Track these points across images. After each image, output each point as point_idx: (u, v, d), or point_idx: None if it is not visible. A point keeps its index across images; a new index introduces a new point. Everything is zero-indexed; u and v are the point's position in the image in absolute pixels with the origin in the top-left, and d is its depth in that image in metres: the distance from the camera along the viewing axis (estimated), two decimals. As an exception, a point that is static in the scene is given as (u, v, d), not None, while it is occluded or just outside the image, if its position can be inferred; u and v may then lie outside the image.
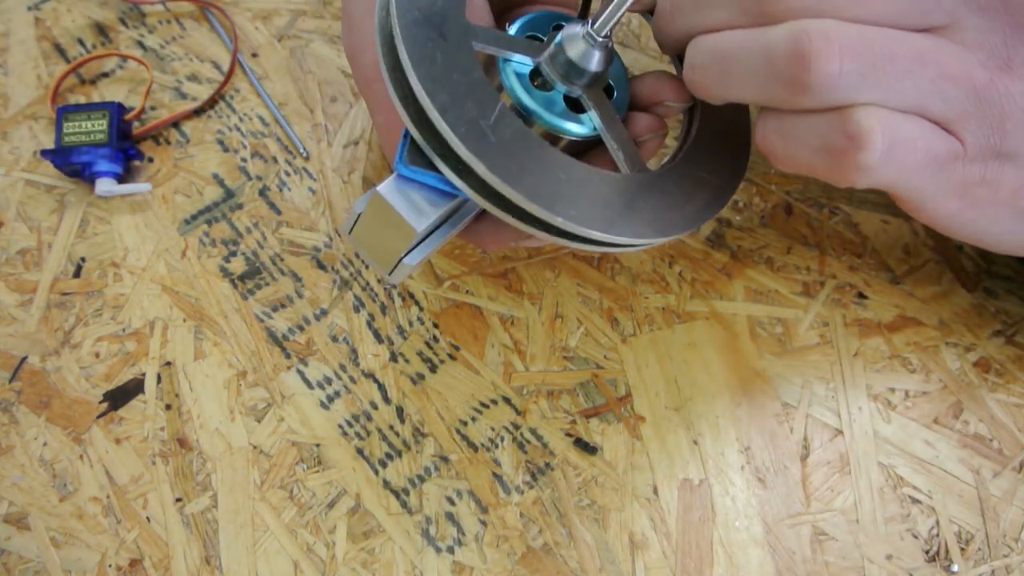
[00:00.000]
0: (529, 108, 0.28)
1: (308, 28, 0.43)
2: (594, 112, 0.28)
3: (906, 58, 0.23)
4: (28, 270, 0.37)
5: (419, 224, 0.26)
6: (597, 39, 0.27)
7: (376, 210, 0.26)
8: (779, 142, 0.26)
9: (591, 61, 0.28)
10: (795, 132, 0.25)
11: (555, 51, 0.28)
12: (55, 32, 0.42)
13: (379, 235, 0.27)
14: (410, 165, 0.26)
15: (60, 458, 0.33)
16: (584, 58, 0.28)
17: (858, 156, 0.24)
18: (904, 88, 0.24)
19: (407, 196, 0.26)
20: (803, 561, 0.32)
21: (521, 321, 0.36)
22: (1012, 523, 0.33)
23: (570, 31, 0.28)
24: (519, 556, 0.32)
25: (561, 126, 0.28)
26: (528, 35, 0.30)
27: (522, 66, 0.29)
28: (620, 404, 0.35)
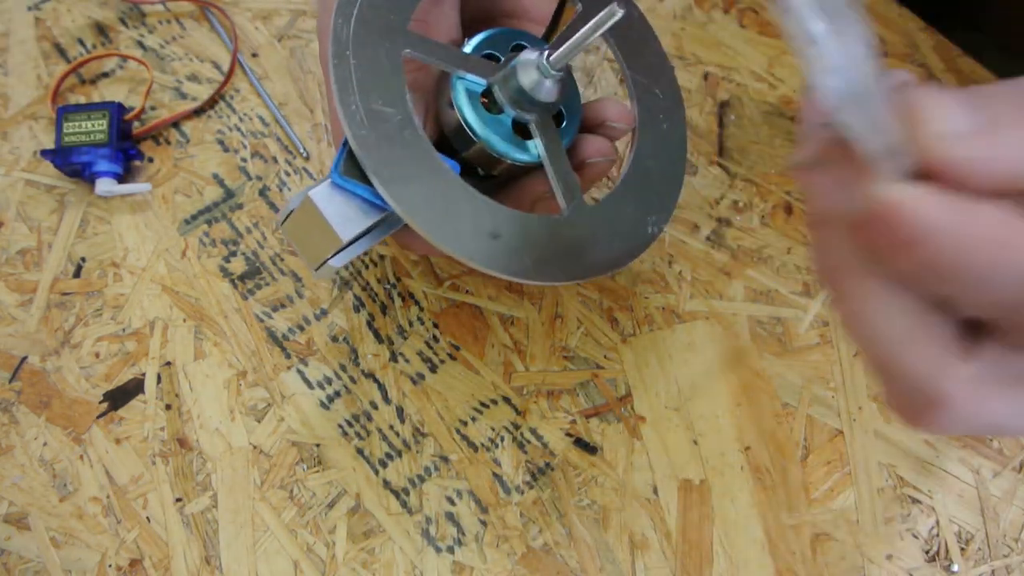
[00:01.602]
0: (475, 129, 0.28)
1: (308, 28, 0.43)
2: (539, 140, 0.29)
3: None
4: (28, 270, 0.37)
5: (345, 234, 0.26)
6: (551, 72, 0.27)
7: (307, 212, 0.27)
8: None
9: (542, 92, 0.28)
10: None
11: (508, 75, 0.28)
12: (55, 32, 0.42)
13: (308, 234, 0.28)
14: (344, 175, 0.26)
15: (60, 458, 0.33)
16: (536, 88, 0.28)
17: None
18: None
19: (338, 204, 0.26)
20: (803, 561, 0.32)
21: (521, 321, 0.36)
22: (1012, 523, 0.33)
23: (525, 58, 0.28)
24: (519, 556, 0.32)
25: (505, 151, 0.28)
26: (485, 53, 0.29)
27: (475, 85, 0.29)
28: (620, 404, 0.35)
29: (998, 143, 0.17)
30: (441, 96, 0.29)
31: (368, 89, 0.25)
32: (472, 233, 0.26)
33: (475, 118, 0.28)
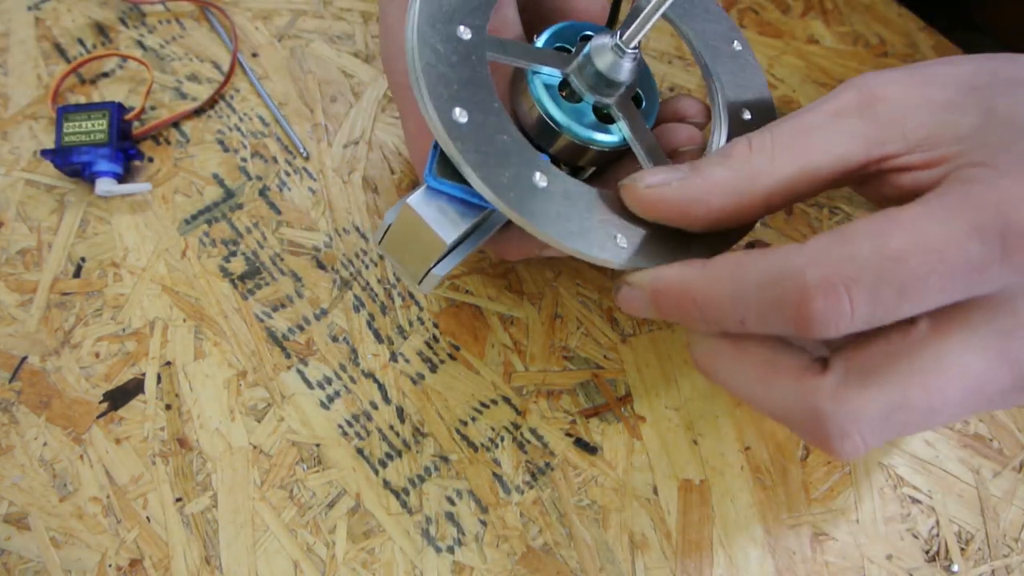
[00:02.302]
0: (558, 120, 0.28)
1: (308, 28, 0.43)
2: (623, 123, 0.28)
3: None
4: (28, 270, 0.37)
5: (448, 236, 0.26)
6: (626, 50, 0.27)
7: (406, 221, 0.27)
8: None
9: (620, 72, 0.28)
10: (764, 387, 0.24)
11: (583, 62, 0.28)
12: (55, 32, 0.42)
13: (409, 246, 0.27)
14: (439, 177, 0.26)
15: (60, 458, 0.33)
16: (613, 69, 0.27)
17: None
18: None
19: (436, 208, 0.26)
20: (803, 561, 0.32)
21: (521, 321, 0.36)
22: (1012, 523, 0.33)
23: (598, 42, 0.28)
24: (519, 556, 0.32)
25: (590, 137, 0.28)
26: (556, 46, 0.29)
27: (551, 78, 0.28)
28: (620, 404, 0.35)
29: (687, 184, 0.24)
30: (518, 94, 0.29)
31: (456, 93, 0.25)
32: (597, 229, 0.26)
33: (557, 109, 0.28)
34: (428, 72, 0.25)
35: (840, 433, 0.22)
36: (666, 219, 0.25)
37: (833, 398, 0.22)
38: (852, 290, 0.20)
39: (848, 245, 0.21)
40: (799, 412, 0.22)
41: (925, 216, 0.21)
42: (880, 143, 0.23)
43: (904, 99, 0.23)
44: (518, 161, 0.25)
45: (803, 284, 0.21)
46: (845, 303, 0.20)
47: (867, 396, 0.21)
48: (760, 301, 0.22)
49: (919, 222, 0.21)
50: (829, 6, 0.45)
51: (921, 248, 0.20)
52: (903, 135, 0.23)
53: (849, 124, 0.23)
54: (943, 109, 0.23)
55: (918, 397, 0.21)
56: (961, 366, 0.21)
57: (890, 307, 0.21)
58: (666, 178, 0.25)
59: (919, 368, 0.21)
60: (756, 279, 0.22)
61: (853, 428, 0.22)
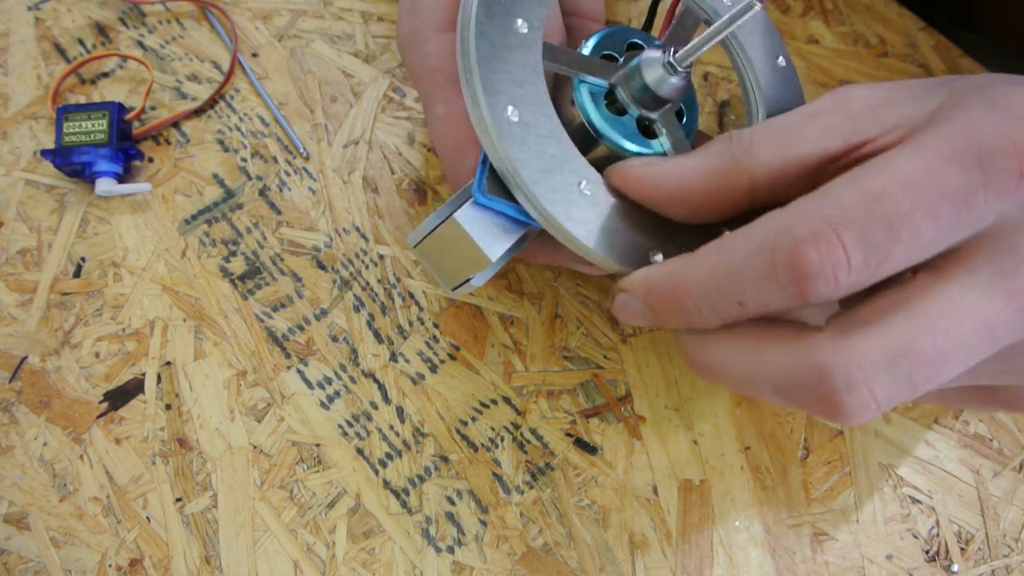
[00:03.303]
0: (600, 130, 0.28)
1: (308, 28, 0.43)
2: (666, 138, 0.28)
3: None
4: (28, 270, 0.37)
5: (494, 254, 0.26)
6: (678, 69, 0.27)
7: (449, 234, 0.26)
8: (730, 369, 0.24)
9: (668, 89, 0.27)
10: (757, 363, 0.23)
11: (631, 74, 0.28)
12: (55, 32, 0.42)
13: (448, 255, 0.27)
14: (488, 194, 0.25)
15: (60, 458, 0.33)
16: (661, 85, 0.27)
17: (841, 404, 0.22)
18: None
19: (483, 223, 0.26)
20: (803, 561, 0.32)
21: (521, 321, 0.36)
22: (1012, 523, 0.33)
23: (649, 56, 0.27)
24: (519, 556, 0.32)
25: (631, 149, 0.28)
26: (603, 54, 0.29)
27: (596, 87, 0.28)
28: (620, 404, 0.35)
29: (651, 169, 0.25)
30: (561, 98, 0.29)
31: (510, 90, 0.25)
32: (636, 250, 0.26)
33: (601, 120, 0.28)
34: (484, 65, 0.24)
35: (846, 385, 0.21)
36: (647, 197, 0.26)
37: (833, 348, 0.21)
38: (842, 235, 0.20)
39: (829, 196, 0.21)
40: (798, 375, 0.22)
41: (900, 156, 0.21)
42: (856, 131, 0.24)
43: (875, 96, 0.25)
44: (569, 170, 0.25)
45: (793, 240, 0.21)
46: (838, 249, 0.20)
47: (870, 339, 0.21)
48: (754, 272, 0.21)
49: (895, 162, 0.21)
50: (829, 6, 0.45)
51: (901, 184, 0.20)
52: (877, 121, 0.24)
53: (826, 119, 0.24)
54: (911, 100, 0.24)
55: (925, 340, 0.20)
56: (966, 307, 0.21)
57: (883, 248, 0.20)
58: (646, 162, 0.26)
59: (922, 312, 0.21)
60: (745, 250, 0.22)
61: (859, 376, 0.21)
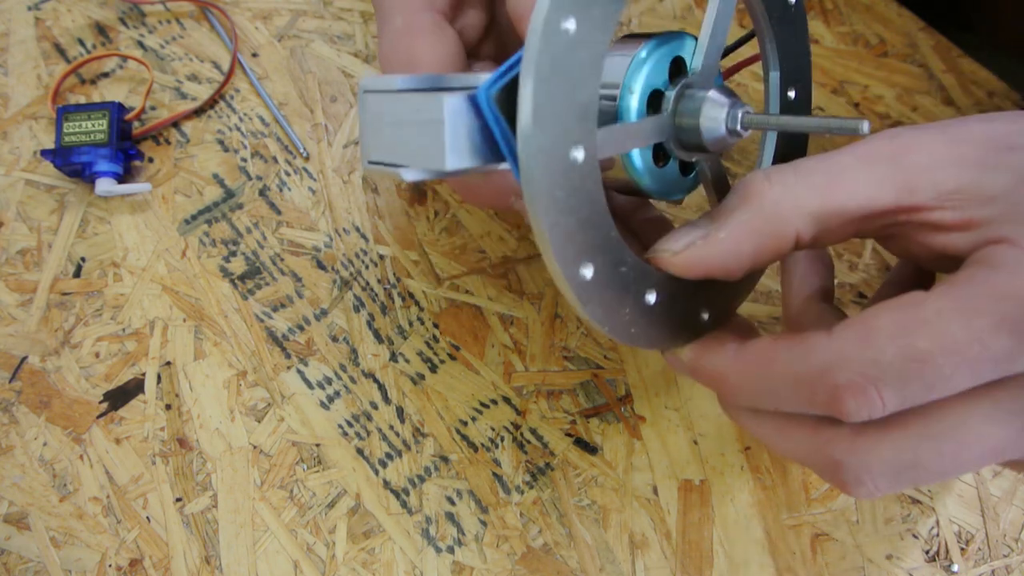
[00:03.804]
0: (648, 191, 0.26)
1: (308, 28, 0.43)
2: (707, 176, 0.27)
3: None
4: (28, 270, 0.37)
5: (453, 163, 0.22)
6: (742, 133, 0.24)
7: (421, 109, 0.22)
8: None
9: (722, 146, 0.25)
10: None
11: (686, 123, 0.25)
12: (55, 32, 0.42)
13: (399, 127, 0.23)
14: (494, 103, 0.22)
15: (60, 458, 0.33)
16: (717, 143, 0.25)
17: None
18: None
19: (463, 124, 0.22)
20: (803, 561, 0.32)
21: (521, 321, 0.36)
22: (1012, 523, 0.33)
23: (712, 113, 0.24)
24: (519, 556, 0.32)
25: (672, 197, 0.27)
26: (652, 91, 0.25)
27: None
28: (620, 404, 0.35)
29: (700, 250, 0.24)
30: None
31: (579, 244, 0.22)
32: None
33: (650, 181, 0.26)
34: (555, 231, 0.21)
35: (855, 480, 0.23)
36: (705, 276, 0.24)
37: (848, 450, 0.23)
38: (881, 390, 0.21)
39: (873, 345, 0.21)
40: (816, 460, 0.24)
41: (948, 313, 0.21)
42: (910, 191, 0.23)
43: (936, 152, 0.23)
44: (636, 290, 0.24)
45: (833, 385, 0.22)
46: (876, 400, 0.21)
47: (881, 452, 0.22)
48: (791, 396, 0.23)
49: (943, 320, 0.21)
50: (829, 6, 0.45)
51: (946, 349, 0.21)
52: (934, 186, 0.23)
53: (879, 169, 0.23)
54: (975, 166, 0.23)
55: (931, 461, 0.22)
56: (981, 436, 0.22)
57: (918, 399, 0.21)
58: (690, 239, 0.24)
59: (936, 433, 0.22)
60: (785, 376, 0.23)
61: (867, 478, 0.23)
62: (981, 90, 0.43)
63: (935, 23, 0.45)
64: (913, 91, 0.43)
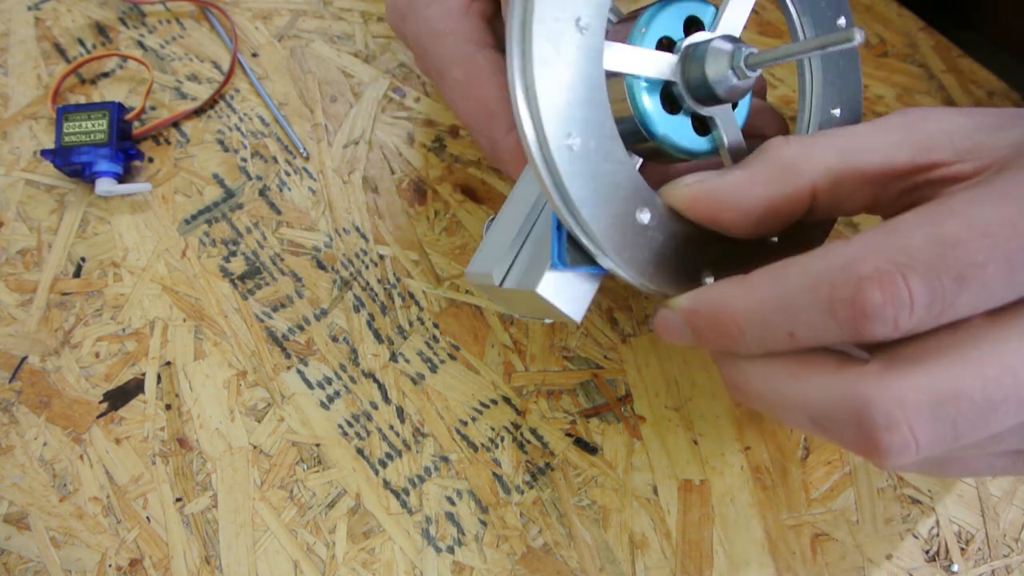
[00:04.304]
0: (657, 133, 0.26)
1: (308, 28, 0.43)
2: (722, 135, 0.26)
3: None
4: (28, 270, 0.37)
5: (579, 314, 0.25)
6: (748, 74, 0.25)
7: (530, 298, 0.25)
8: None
9: (731, 91, 0.25)
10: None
11: (691, 68, 0.25)
12: (55, 32, 0.42)
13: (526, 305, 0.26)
14: (570, 265, 0.24)
15: (60, 458, 0.33)
16: (724, 86, 0.25)
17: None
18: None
19: (564, 286, 0.25)
20: (803, 561, 0.32)
21: (521, 321, 0.36)
22: (1012, 523, 0.33)
23: (716, 50, 0.25)
24: (519, 556, 0.32)
25: (688, 149, 0.26)
26: (661, 37, 0.26)
27: (652, 82, 0.26)
28: (620, 404, 0.35)
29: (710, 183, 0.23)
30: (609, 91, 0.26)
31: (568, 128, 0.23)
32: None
33: (658, 120, 0.26)
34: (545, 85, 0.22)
35: (887, 422, 0.20)
36: (710, 217, 0.24)
37: (877, 382, 0.20)
38: (909, 278, 0.19)
39: (899, 235, 0.20)
40: (838, 405, 0.21)
41: (978, 200, 0.20)
42: (927, 149, 0.22)
43: (948, 120, 0.23)
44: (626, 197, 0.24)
45: (856, 277, 0.19)
46: (903, 291, 0.19)
47: (916, 379, 0.20)
48: (810, 304, 0.20)
49: (972, 207, 0.20)
50: (829, 6, 0.45)
51: (977, 232, 0.19)
52: (951, 144, 0.22)
53: (895, 134, 0.23)
54: (987, 129, 0.22)
55: (973, 387, 0.19)
56: (1022, 358, 0.20)
57: (950, 295, 0.19)
58: (705, 175, 0.24)
59: (974, 357, 0.20)
60: (803, 281, 0.21)
61: (901, 415, 0.20)
62: (981, 90, 0.43)
63: (935, 23, 0.45)
64: (913, 91, 0.43)
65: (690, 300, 0.23)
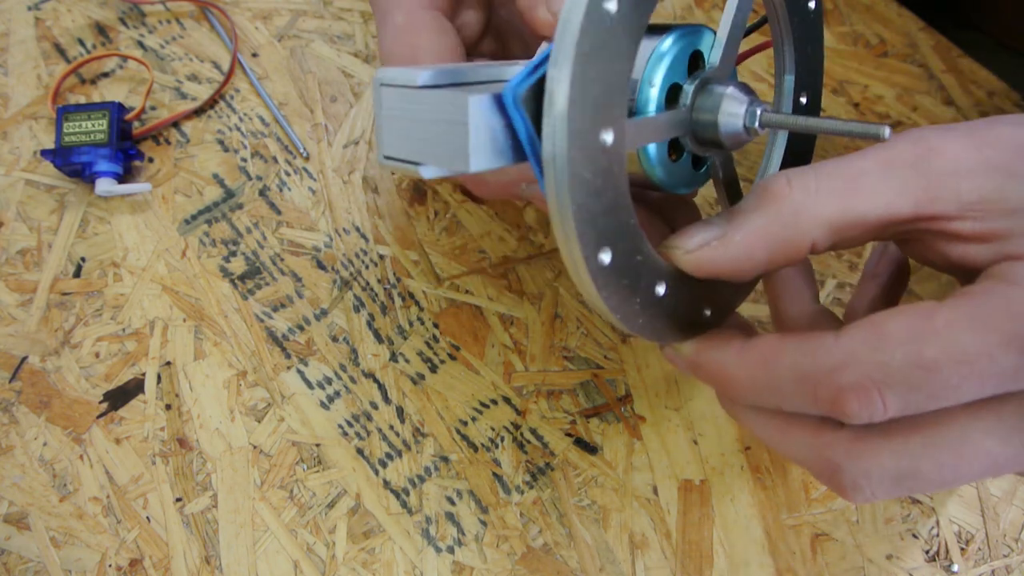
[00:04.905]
0: (664, 185, 0.25)
1: (308, 28, 0.43)
2: (719, 173, 0.27)
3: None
4: (28, 270, 0.37)
5: (476, 164, 0.21)
6: (759, 131, 0.24)
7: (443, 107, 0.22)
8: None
9: (737, 142, 0.25)
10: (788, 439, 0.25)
11: (703, 120, 0.25)
12: (55, 32, 0.42)
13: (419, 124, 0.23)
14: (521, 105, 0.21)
15: (60, 458, 0.33)
16: (733, 140, 0.25)
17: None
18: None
19: (487, 123, 0.21)
20: (803, 561, 0.32)
21: (521, 321, 0.36)
22: (1012, 523, 0.33)
23: (730, 110, 0.24)
24: (519, 556, 0.32)
25: (686, 189, 0.26)
26: (671, 84, 0.25)
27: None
28: (620, 404, 0.35)
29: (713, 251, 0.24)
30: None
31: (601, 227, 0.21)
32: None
33: (664, 175, 0.25)
34: (580, 213, 0.21)
35: (852, 485, 0.23)
36: (716, 276, 0.24)
37: (847, 453, 0.23)
38: (885, 395, 0.21)
39: (882, 350, 0.21)
40: (815, 462, 0.23)
41: (960, 324, 0.21)
42: (931, 200, 0.22)
43: (961, 158, 0.22)
44: (647, 282, 0.23)
45: (837, 386, 0.21)
46: (878, 404, 0.21)
47: (880, 458, 0.22)
48: (794, 394, 0.23)
49: (953, 331, 0.21)
50: (829, 6, 0.45)
51: (954, 359, 0.21)
52: (956, 196, 0.22)
53: (901, 175, 0.23)
54: (999, 173, 0.22)
55: (930, 471, 0.22)
56: (981, 450, 0.22)
57: (921, 408, 0.21)
58: (704, 238, 0.24)
59: (937, 443, 0.22)
60: (790, 374, 0.22)
61: (864, 483, 0.22)
62: (981, 90, 0.43)
63: (935, 23, 0.45)
64: (913, 91, 0.43)
65: (694, 353, 0.25)
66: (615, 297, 0.22)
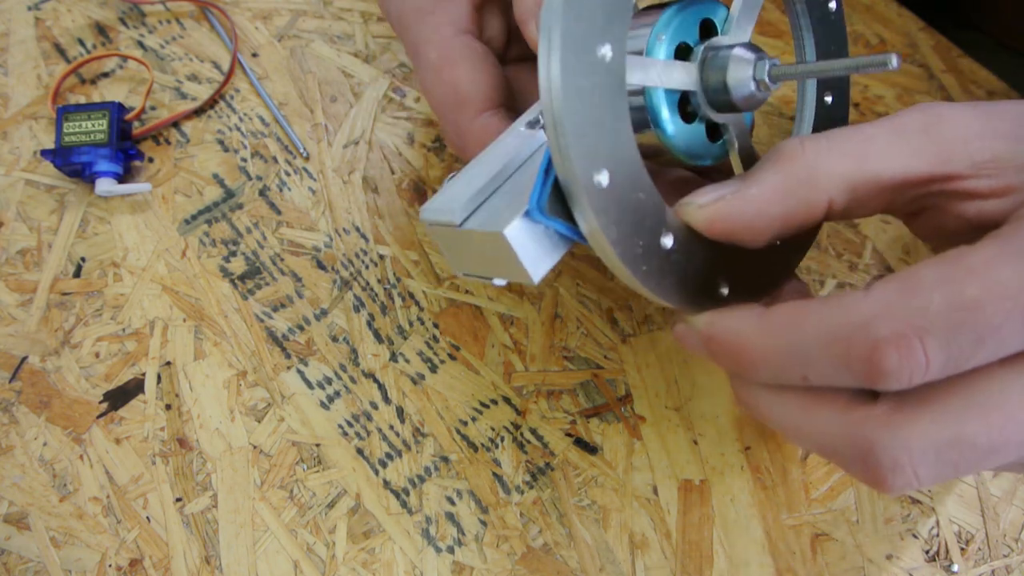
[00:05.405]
0: (676, 147, 0.25)
1: (308, 28, 0.43)
2: (734, 141, 0.26)
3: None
4: (28, 270, 0.37)
5: (538, 273, 0.23)
6: (771, 86, 0.24)
7: (490, 243, 0.23)
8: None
9: (751, 103, 0.25)
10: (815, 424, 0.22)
11: (713, 79, 0.25)
12: (55, 32, 0.42)
13: (477, 254, 0.24)
14: (550, 215, 0.22)
15: (60, 458, 0.33)
16: (746, 102, 0.25)
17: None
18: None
19: (531, 239, 0.23)
20: (803, 561, 0.32)
21: (521, 321, 0.36)
22: (1012, 523, 0.33)
23: (739, 67, 0.24)
24: (519, 556, 0.32)
25: (701, 157, 0.26)
26: (679, 44, 0.26)
27: (672, 92, 0.25)
28: (620, 404, 0.35)
29: (727, 204, 0.23)
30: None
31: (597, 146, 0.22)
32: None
33: (677, 136, 0.25)
34: (573, 121, 0.21)
35: (892, 464, 0.20)
36: (729, 235, 0.23)
37: (885, 425, 0.21)
38: (927, 342, 0.19)
39: (918, 295, 0.20)
40: (846, 443, 0.21)
41: (998, 260, 0.20)
42: (945, 160, 0.22)
43: (969, 125, 0.22)
44: (651, 224, 0.23)
45: (873, 338, 0.20)
46: (920, 355, 0.19)
47: (922, 426, 0.20)
48: (824, 357, 0.21)
49: (992, 267, 0.20)
50: (829, 6, 0.45)
51: (996, 295, 0.19)
52: (968, 155, 0.22)
53: (914, 139, 0.22)
54: (1008, 138, 0.22)
55: (977, 432, 0.20)
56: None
57: (965, 355, 0.20)
58: (719, 194, 0.23)
59: (980, 402, 0.20)
60: (818, 333, 0.21)
61: (905, 459, 0.20)
62: (981, 90, 0.43)
63: (935, 23, 0.45)
64: (913, 91, 0.43)
65: (708, 326, 0.23)
66: (614, 228, 0.22)
